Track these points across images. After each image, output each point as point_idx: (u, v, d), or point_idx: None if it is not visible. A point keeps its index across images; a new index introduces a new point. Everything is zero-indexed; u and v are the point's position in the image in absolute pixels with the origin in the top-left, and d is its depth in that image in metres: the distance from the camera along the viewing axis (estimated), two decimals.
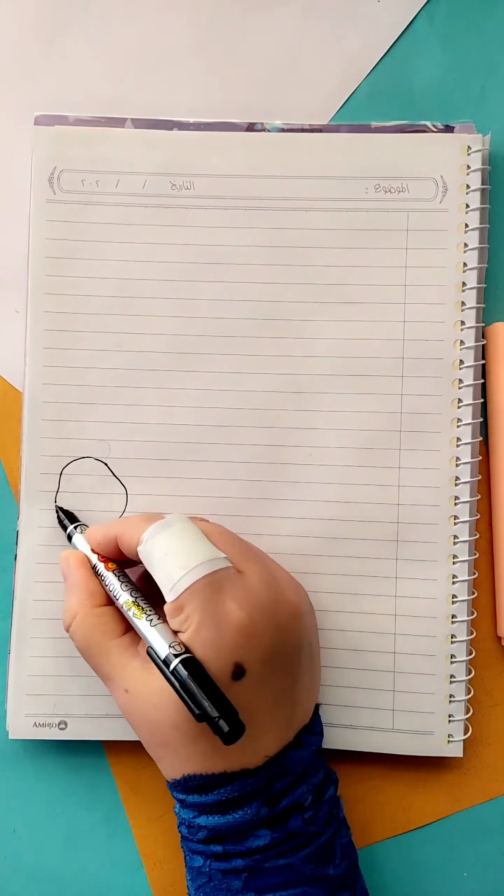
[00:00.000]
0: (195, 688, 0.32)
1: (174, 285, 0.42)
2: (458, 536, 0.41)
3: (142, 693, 0.35)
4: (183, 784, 0.35)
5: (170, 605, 0.34)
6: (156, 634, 0.34)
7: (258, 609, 0.34)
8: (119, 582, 0.37)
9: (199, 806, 0.35)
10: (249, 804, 0.34)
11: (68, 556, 0.39)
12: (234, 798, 0.34)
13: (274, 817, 0.34)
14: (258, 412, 0.42)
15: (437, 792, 0.42)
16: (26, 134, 0.43)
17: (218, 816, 0.34)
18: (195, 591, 0.34)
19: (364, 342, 0.41)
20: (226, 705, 0.32)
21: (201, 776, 0.34)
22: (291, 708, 0.36)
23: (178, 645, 0.33)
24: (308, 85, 0.44)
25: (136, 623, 0.35)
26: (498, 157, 0.43)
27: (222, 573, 0.34)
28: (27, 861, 0.42)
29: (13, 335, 0.43)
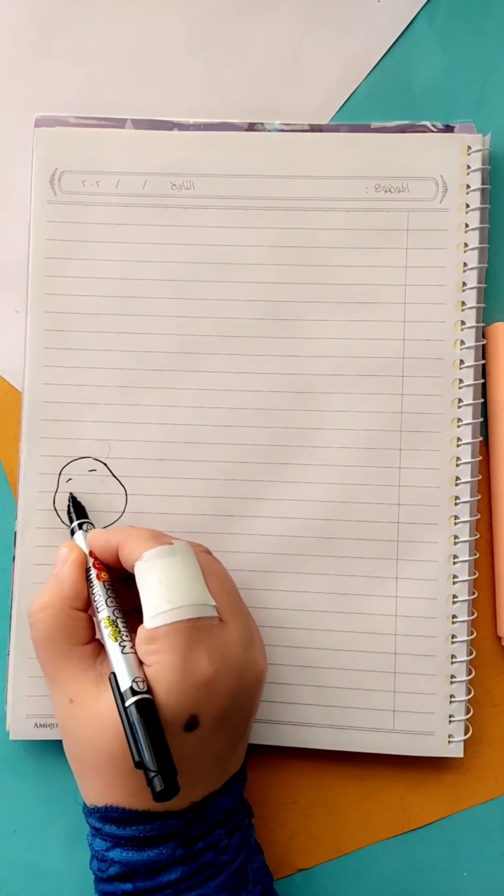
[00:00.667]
0: (143, 734, 0.31)
1: (174, 285, 0.42)
2: (459, 536, 0.41)
3: (87, 709, 0.34)
4: (102, 813, 0.34)
5: (145, 631, 0.34)
6: (123, 664, 0.33)
7: (228, 668, 0.34)
8: (106, 595, 0.36)
9: (114, 838, 0.34)
10: (166, 844, 0.34)
11: (71, 550, 0.38)
12: (152, 836, 0.34)
13: (188, 857, 0.34)
14: (257, 412, 0.42)
15: (437, 792, 0.42)
16: (27, 134, 0.43)
17: (132, 852, 0.34)
18: (175, 630, 0.33)
19: (364, 342, 0.41)
20: (167, 763, 0.31)
21: (123, 810, 0.34)
22: (226, 762, 0.36)
23: (141, 682, 0.33)
24: (308, 85, 0.44)
25: (108, 644, 0.35)
26: (498, 157, 0.43)
27: (206, 622, 0.34)
28: (27, 861, 0.42)
29: (13, 335, 0.43)
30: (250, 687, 0.35)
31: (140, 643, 0.34)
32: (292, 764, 0.41)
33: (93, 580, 0.37)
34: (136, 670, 0.33)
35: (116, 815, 0.34)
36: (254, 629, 0.37)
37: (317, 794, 0.42)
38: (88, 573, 0.37)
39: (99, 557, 0.38)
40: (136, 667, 0.33)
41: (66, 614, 0.36)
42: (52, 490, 0.41)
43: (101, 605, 0.36)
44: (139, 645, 0.34)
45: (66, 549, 0.38)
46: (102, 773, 0.34)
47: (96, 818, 0.35)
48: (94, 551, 0.38)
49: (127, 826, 0.34)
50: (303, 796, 0.42)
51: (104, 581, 0.37)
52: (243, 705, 0.35)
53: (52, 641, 0.36)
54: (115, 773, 0.34)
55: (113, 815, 0.34)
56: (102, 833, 0.34)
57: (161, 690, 0.33)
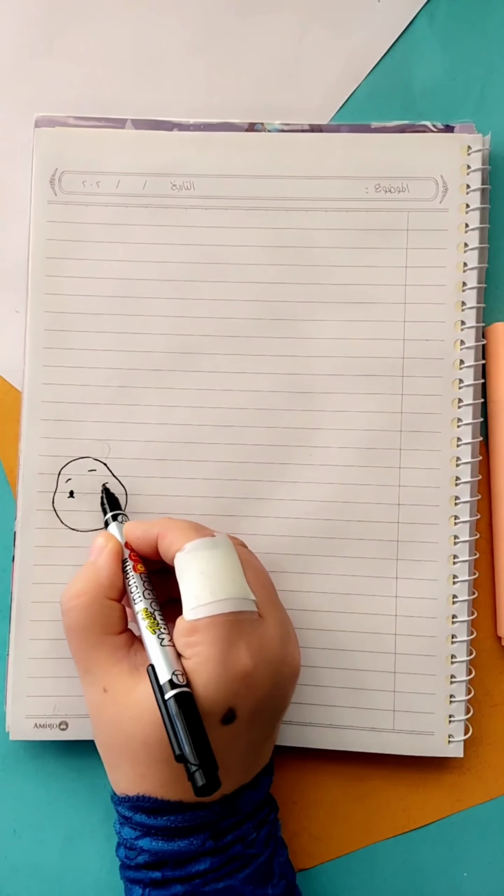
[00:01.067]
0: (183, 728, 0.31)
1: (174, 285, 0.42)
2: (459, 536, 0.41)
3: (121, 698, 0.34)
4: (133, 802, 0.34)
5: (185, 623, 0.34)
6: (161, 656, 0.33)
7: (266, 663, 0.34)
8: (143, 587, 0.36)
9: (144, 827, 0.34)
10: (196, 835, 0.34)
11: (107, 540, 0.37)
12: (183, 827, 0.34)
13: (218, 848, 0.34)
14: (258, 412, 0.42)
15: (437, 792, 0.42)
16: (27, 134, 0.43)
17: (162, 842, 0.34)
18: (216, 623, 0.33)
19: (364, 342, 0.41)
20: (209, 757, 0.31)
21: (155, 800, 0.34)
22: (258, 755, 0.36)
23: (181, 675, 0.33)
24: (308, 85, 0.44)
25: (147, 636, 0.34)
26: (498, 157, 0.43)
27: (246, 615, 0.34)
28: (27, 861, 0.42)
29: (13, 335, 0.43)
30: (286, 681, 0.36)
31: (179, 635, 0.34)
32: (292, 764, 0.41)
33: (129, 571, 0.37)
34: (174, 663, 0.33)
35: (148, 804, 0.34)
36: (289, 624, 0.37)
37: (317, 794, 0.42)
38: (125, 564, 0.37)
39: (135, 548, 0.38)
40: (174, 659, 0.33)
41: (101, 603, 0.36)
42: (52, 490, 0.41)
43: (138, 597, 0.36)
44: (177, 637, 0.34)
45: (103, 538, 0.38)
46: (136, 762, 0.34)
47: (126, 807, 0.35)
48: (130, 542, 0.38)
49: (158, 816, 0.34)
50: (303, 796, 0.42)
51: (141, 573, 0.37)
52: (278, 699, 0.35)
53: (86, 630, 0.36)
54: (148, 762, 0.34)
55: (144, 804, 0.34)
56: (132, 822, 0.35)
57: (200, 683, 0.33)
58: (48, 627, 0.41)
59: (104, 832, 0.41)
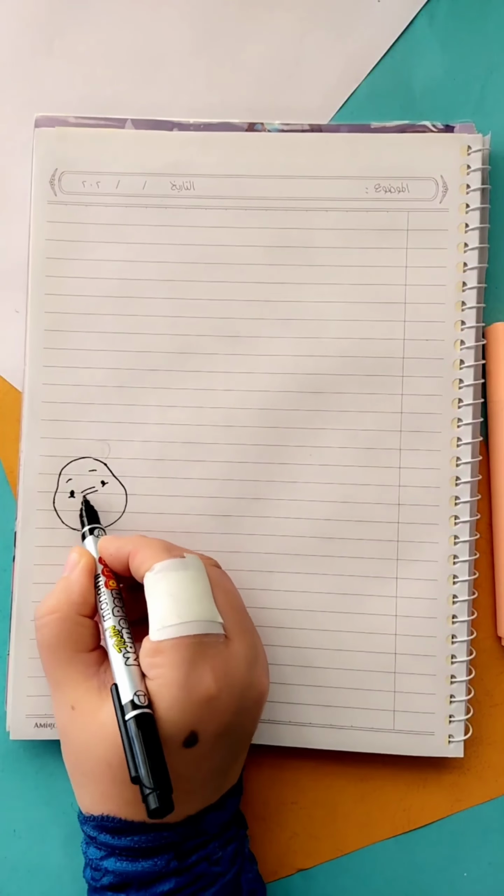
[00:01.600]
0: (140, 749, 0.31)
1: (174, 285, 0.42)
2: (459, 536, 0.41)
3: (88, 716, 0.34)
4: (97, 821, 0.34)
5: (150, 643, 0.34)
6: (125, 676, 0.33)
7: (231, 686, 0.34)
8: (113, 604, 0.36)
9: (109, 847, 0.34)
10: (161, 856, 0.34)
11: (81, 555, 0.38)
12: (147, 848, 0.34)
13: (182, 868, 0.34)
14: (258, 412, 0.42)
15: (437, 792, 0.42)
16: (27, 134, 0.43)
17: (127, 862, 0.34)
18: (180, 645, 0.33)
19: (364, 342, 0.41)
20: (164, 780, 0.31)
21: (119, 820, 0.34)
22: (223, 778, 0.36)
23: (143, 696, 0.32)
24: (308, 85, 0.44)
25: (112, 654, 0.34)
26: (498, 156, 0.43)
27: (212, 638, 0.34)
28: (27, 861, 0.42)
29: (13, 335, 0.43)
30: (252, 706, 0.35)
31: (144, 655, 0.34)
32: (292, 764, 0.41)
33: (101, 587, 0.37)
34: (138, 683, 0.33)
35: (112, 824, 0.34)
36: (259, 647, 0.37)
37: (317, 794, 0.42)
38: (97, 580, 0.37)
39: (109, 564, 0.37)
40: (138, 680, 0.33)
41: (73, 620, 0.36)
42: (52, 490, 0.41)
43: (107, 614, 0.36)
44: (143, 657, 0.34)
45: (77, 553, 0.38)
46: (99, 782, 0.34)
47: (91, 826, 0.35)
48: (103, 557, 0.38)
49: (122, 836, 0.34)
50: (303, 796, 0.42)
51: (112, 589, 0.37)
52: (243, 723, 0.35)
53: (58, 646, 0.35)
54: (112, 782, 0.33)
55: (108, 824, 0.34)
56: (97, 842, 0.34)
57: (162, 705, 0.32)
58: None
59: None
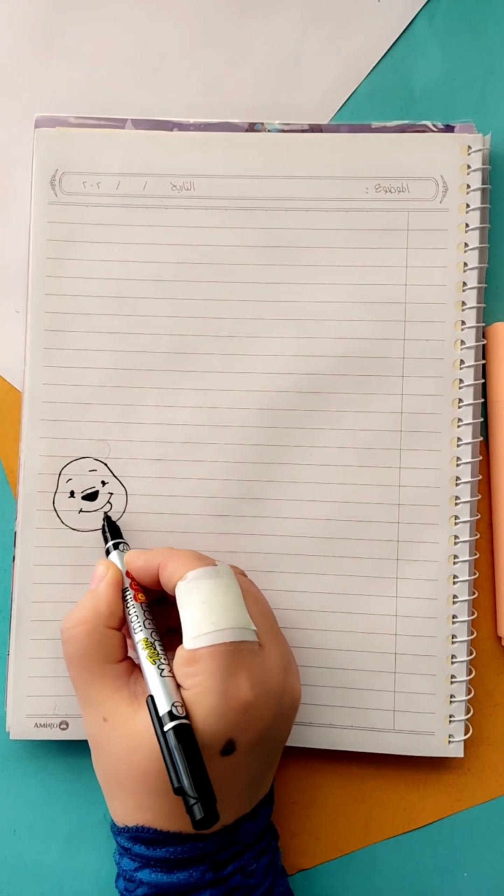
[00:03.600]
0: (182, 760, 0.31)
1: (174, 286, 0.42)
2: (459, 536, 0.41)
3: (121, 728, 0.34)
4: (132, 833, 0.34)
5: (185, 652, 0.33)
6: (161, 687, 0.33)
7: (267, 693, 0.34)
8: (144, 617, 0.36)
9: (143, 858, 0.34)
10: (196, 867, 0.34)
11: (107, 569, 0.38)
12: (183, 859, 0.33)
13: (217, 880, 0.34)
14: (258, 412, 0.42)
15: (437, 792, 0.42)
16: (27, 134, 0.43)
17: (162, 874, 0.34)
18: (216, 653, 0.33)
19: (364, 342, 0.41)
20: (207, 790, 0.30)
21: (155, 830, 0.33)
22: (258, 787, 0.36)
23: (180, 707, 0.32)
24: (308, 85, 0.44)
25: (146, 666, 0.34)
26: (498, 156, 0.43)
27: (247, 645, 0.34)
28: (27, 861, 0.42)
29: (13, 335, 0.43)
30: (287, 712, 0.35)
31: (179, 665, 0.34)
32: (292, 764, 0.41)
33: (129, 601, 0.37)
34: (174, 694, 0.33)
35: (147, 835, 0.34)
36: (290, 654, 0.37)
37: (317, 794, 0.42)
38: (125, 594, 0.37)
39: (136, 578, 0.37)
40: (174, 691, 0.33)
41: (101, 632, 0.36)
42: (52, 490, 0.41)
43: (138, 627, 0.36)
44: (177, 667, 0.34)
45: (104, 567, 0.38)
46: (135, 793, 0.34)
47: (125, 837, 0.34)
48: (131, 571, 0.38)
49: (157, 847, 0.34)
50: (303, 796, 0.42)
51: (142, 602, 0.37)
52: (279, 730, 0.35)
53: (87, 659, 0.36)
54: (148, 793, 0.33)
55: (143, 835, 0.34)
56: (131, 853, 0.34)
57: (200, 714, 0.32)
58: (48, 627, 0.41)
59: (104, 832, 0.41)
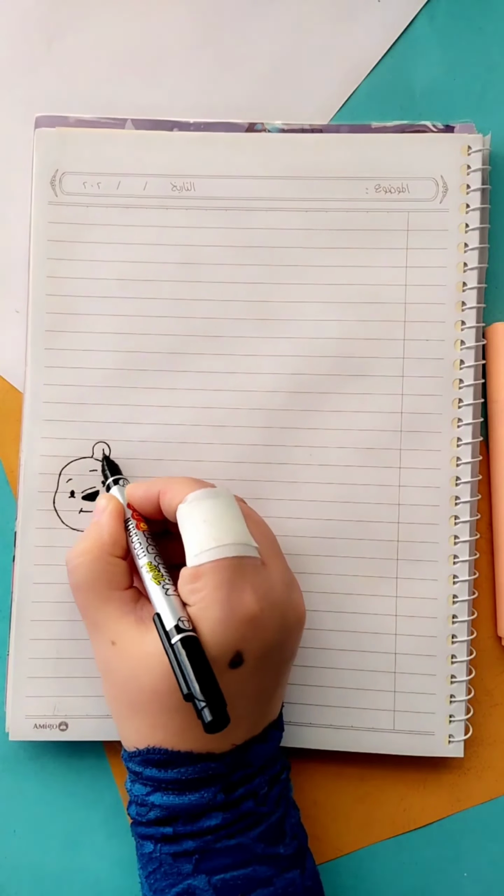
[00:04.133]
0: (190, 667, 0.31)
1: (175, 286, 0.42)
2: (459, 536, 0.41)
3: (130, 650, 0.34)
4: (143, 755, 0.34)
5: (189, 569, 0.34)
6: (166, 605, 0.34)
7: (272, 605, 0.34)
8: (147, 543, 0.37)
9: (155, 781, 0.34)
10: (207, 788, 0.34)
11: (109, 500, 0.38)
12: (194, 780, 0.34)
13: (229, 803, 0.34)
14: (259, 412, 0.42)
15: (437, 792, 0.42)
16: (27, 134, 0.43)
17: (173, 796, 0.34)
18: (219, 567, 0.34)
19: (364, 342, 0.41)
20: (216, 694, 0.31)
21: (166, 751, 0.34)
22: (267, 704, 0.36)
23: (186, 621, 0.33)
24: (308, 85, 0.44)
25: (151, 587, 0.35)
26: (498, 157, 0.43)
27: (249, 560, 0.34)
28: (27, 861, 0.42)
29: (13, 335, 0.43)
30: (292, 627, 0.36)
31: (183, 583, 0.34)
32: (293, 764, 0.41)
33: (132, 530, 0.37)
34: (180, 611, 0.34)
35: (158, 756, 0.34)
36: (291, 573, 0.37)
37: (317, 794, 0.42)
38: (127, 524, 0.38)
39: (138, 508, 0.38)
40: (179, 607, 0.34)
41: (106, 560, 0.36)
42: (52, 490, 0.41)
43: (141, 552, 0.36)
44: (182, 585, 0.34)
45: (105, 499, 0.38)
46: (146, 713, 0.34)
47: (137, 762, 0.35)
48: (132, 502, 0.38)
49: (168, 769, 0.34)
50: (303, 796, 0.42)
51: (144, 531, 0.37)
52: (285, 645, 0.36)
53: (92, 586, 0.36)
54: (160, 711, 0.34)
55: (155, 756, 0.34)
56: (143, 777, 0.35)
57: (206, 627, 0.33)
58: (48, 627, 0.41)
59: (104, 832, 0.42)
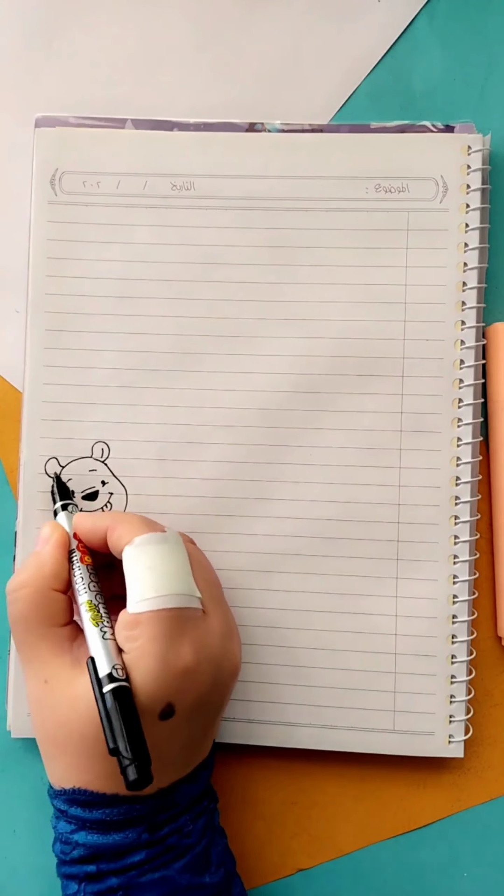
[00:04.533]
0: (119, 722, 0.31)
1: (174, 285, 0.42)
2: (459, 536, 0.41)
3: (61, 690, 0.34)
4: (69, 795, 0.34)
5: (128, 615, 0.34)
6: (102, 649, 0.33)
7: (208, 659, 0.34)
8: (89, 579, 0.36)
9: (79, 820, 0.34)
10: (132, 828, 0.34)
11: (53, 530, 0.37)
12: (119, 821, 0.34)
13: (154, 841, 0.34)
14: (258, 412, 0.42)
15: (437, 792, 0.42)
16: (27, 134, 0.43)
17: (98, 835, 0.34)
18: (159, 618, 0.33)
19: (364, 342, 0.41)
20: (143, 752, 0.31)
21: (91, 793, 0.34)
22: (196, 751, 0.36)
23: (120, 669, 0.33)
24: (308, 85, 0.44)
25: (89, 629, 0.34)
26: (498, 156, 0.43)
27: (190, 612, 0.34)
28: (27, 861, 0.42)
29: (13, 335, 0.43)
30: (226, 678, 0.36)
31: (121, 628, 0.34)
32: (292, 764, 0.41)
33: (75, 563, 0.37)
34: (115, 657, 0.33)
35: (83, 797, 0.34)
36: (232, 621, 0.37)
37: (317, 794, 0.42)
38: (71, 555, 0.37)
39: (84, 540, 0.37)
40: (115, 653, 0.33)
41: (45, 594, 0.36)
42: None
43: (82, 589, 0.36)
44: (119, 630, 0.34)
45: (49, 528, 0.38)
46: (72, 755, 0.34)
47: (62, 800, 0.35)
48: (78, 534, 0.37)
49: (93, 809, 0.34)
50: (303, 796, 0.42)
51: (87, 565, 0.37)
52: (217, 696, 0.36)
53: (29, 621, 0.35)
54: (85, 755, 0.34)
55: (80, 797, 0.34)
56: (68, 815, 0.34)
57: (139, 677, 0.33)
58: None
59: None
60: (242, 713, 0.41)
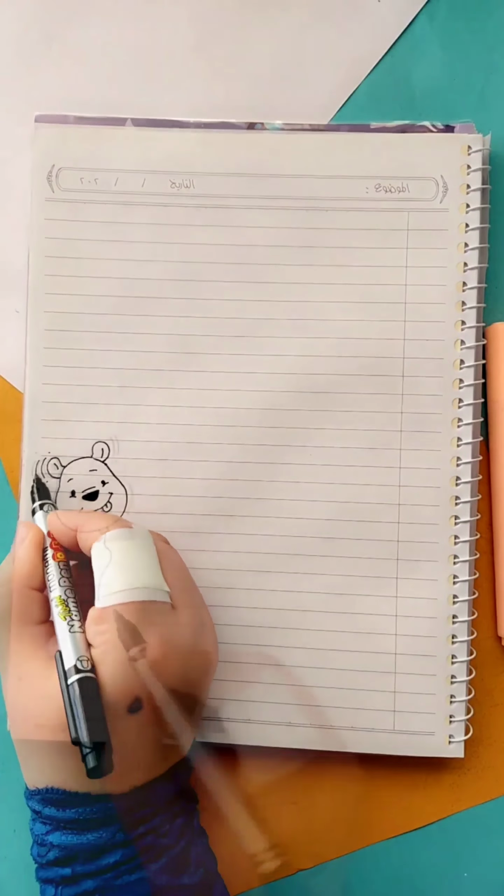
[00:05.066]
0: (81, 711, 0.31)
1: (174, 284, 0.42)
2: (459, 536, 0.41)
3: (34, 688, 0.34)
4: (42, 794, 0.34)
5: (96, 610, 0.34)
6: (69, 642, 0.34)
7: (175, 652, 0.34)
8: (59, 575, 0.36)
9: (53, 821, 0.34)
10: (106, 828, 0.34)
11: (28, 529, 0.38)
12: (92, 820, 0.34)
13: (129, 840, 0.34)
14: (258, 412, 0.41)
15: (437, 792, 0.42)
16: (27, 134, 0.43)
17: (72, 835, 0.34)
18: (125, 611, 0.34)
19: (364, 342, 0.41)
20: (101, 740, 0.31)
21: (64, 792, 0.34)
22: (170, 749, 0.36)
23: (86, 661, 0.33)
24: (308, 85, 0.44)
25: (58, 623, 0.35)
26: (498, 156, 0.43)
27: (157, 606, 0.34)
28: (27, 861, 0.41)
29: (13, 335, 0.43)
30: (197, 673, 0.36)
31: (90, 623, 0.34)
32: (292, 764, 0.41)
33: (48, 559, 0.37)
34: (82, 649, 0.33)
35: (57, 796, 0.34)
36: (206, 618, 0.37)
37: (317, 794, 0.42)
38: (45, 553, 0.38)
39: (57, 539, 0.38)
40: (82, 646, 0.34)
41: (21, 593, 0.36)
42: (53, 490, 0.41)
43: (53, 584, 0.36)
44: (89, 625, 0.34)
45: (24, 528, 0.38)
46: (46, 753, 0.34)
47: (37, 801, 0.35)
48: (52, 532, 0.38)
49: (67, 808, 0.34)
50: (303, 796, 0.42)
51: (59, 561, 0.37)
52: (189, 691, 0.36)
53: (5, 620, 0.36)
54: (57, 753, 0.34)
55: (53, 796, 0.34)
56: (42, 816, 0.34)
57: (106, 671, 0.33)
58: None
59: None
60: (241, 713, 0.41)
